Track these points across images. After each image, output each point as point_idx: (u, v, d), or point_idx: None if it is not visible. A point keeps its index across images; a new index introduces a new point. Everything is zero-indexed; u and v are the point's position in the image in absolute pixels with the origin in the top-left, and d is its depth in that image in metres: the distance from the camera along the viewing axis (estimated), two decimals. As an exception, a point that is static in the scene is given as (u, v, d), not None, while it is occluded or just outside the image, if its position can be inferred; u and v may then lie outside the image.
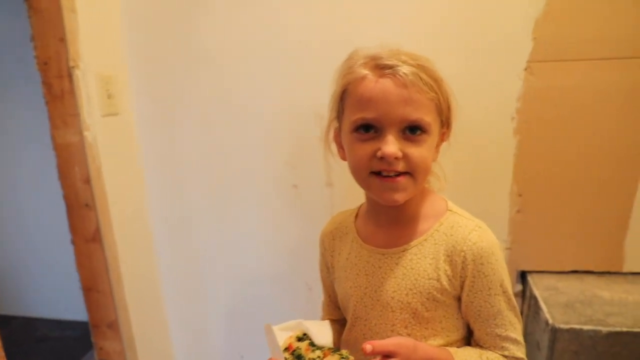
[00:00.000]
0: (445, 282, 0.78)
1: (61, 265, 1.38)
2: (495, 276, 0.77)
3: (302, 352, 0.76)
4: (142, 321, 1.49)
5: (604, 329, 1.07)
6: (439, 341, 0.81)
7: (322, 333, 0.79)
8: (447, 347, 0.80)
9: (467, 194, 1.29)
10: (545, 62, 1.16)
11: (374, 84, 0.71)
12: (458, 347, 0.83)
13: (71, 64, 1.18)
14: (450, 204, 0.84)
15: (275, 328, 0.80)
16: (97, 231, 1.32)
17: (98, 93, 1.26)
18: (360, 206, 0.94)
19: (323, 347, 0.77)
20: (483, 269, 0.76)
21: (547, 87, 1.17)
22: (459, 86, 0.79)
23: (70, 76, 1.20)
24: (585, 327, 1.09)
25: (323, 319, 1.05)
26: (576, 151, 1.21)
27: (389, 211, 0.82)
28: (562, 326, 1.10)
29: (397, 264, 0.80)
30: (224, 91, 1.35)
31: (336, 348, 0.76)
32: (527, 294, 1.31)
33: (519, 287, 1.34)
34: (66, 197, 1.31)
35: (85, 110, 1.23)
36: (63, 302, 2.24)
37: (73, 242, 1.35)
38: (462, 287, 0.79)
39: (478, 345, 0.82)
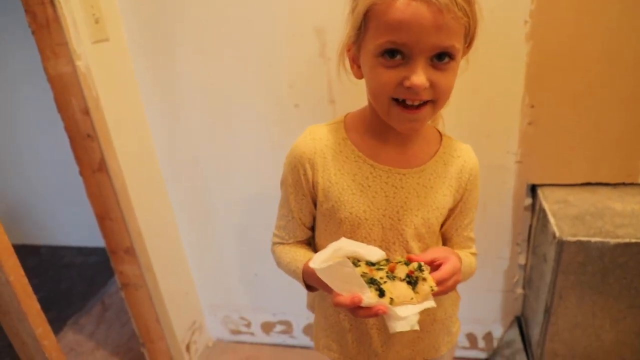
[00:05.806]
0: (452, 198, 0.85)
1: (82, 195, 1.41)
2: (479, 188, 0.89)
3: (370, 274, 0.70)
4: (158, 245, 1.53)
5: (612, 241, 1.05)
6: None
7: (369, 250, 0.74)
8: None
9: (475, 106, 1.24)
10: (564, -45, 1.04)
11: (406, 7, 0.65)
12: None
13: (51, -12, 1.12)
14: (440, 128, 0.90)
15: (315, 267, 0.69)
16: (102, 161, 1.32)
17: (84, 18, 1.20)
18: (345, 119, 0.86)
19: (380, 263, 0.73)
20: (476, 182, 0.87)
21: (564, -15, 1.07)
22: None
23: (52, 2, 1.14)
24: (593, 239, 1.07)
25: (298, 247, 0.93)
26: (593, 57, 1.12)
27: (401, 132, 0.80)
28: (569, 238, 1.08)
29: (418, 183, 0.82)
30: (219, 9, 1.27)
31: (389, 260, 0.74)
32: (537, 207, 1.28)
33: (529, 201, 1.31)
34: (67, 129, 1.30)
35: (73, 38, 1.18)
36: (86, 230, 2.34)
37: (80, 173, 1.36)
38: (459, 200, 0.87)
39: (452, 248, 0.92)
